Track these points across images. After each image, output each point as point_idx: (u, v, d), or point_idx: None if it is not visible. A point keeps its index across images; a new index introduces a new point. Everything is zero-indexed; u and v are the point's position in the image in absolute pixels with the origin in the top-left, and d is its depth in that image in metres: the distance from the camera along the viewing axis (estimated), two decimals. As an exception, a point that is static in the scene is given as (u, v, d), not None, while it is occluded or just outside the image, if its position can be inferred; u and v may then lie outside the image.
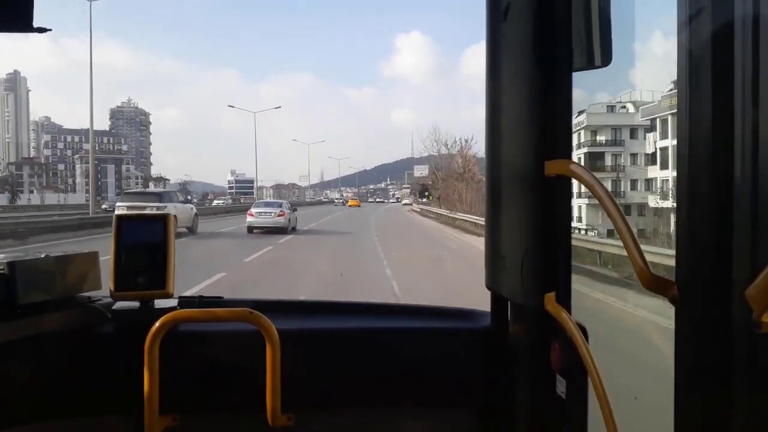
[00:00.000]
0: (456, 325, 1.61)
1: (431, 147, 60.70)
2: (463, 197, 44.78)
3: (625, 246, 0.86)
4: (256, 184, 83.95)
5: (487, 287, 1.37)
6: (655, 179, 16.26)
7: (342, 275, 11.33)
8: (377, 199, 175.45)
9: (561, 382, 1.13)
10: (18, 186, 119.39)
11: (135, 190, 53.45)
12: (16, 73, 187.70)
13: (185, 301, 1.63)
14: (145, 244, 1.52)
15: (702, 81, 0.78)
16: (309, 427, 1.48)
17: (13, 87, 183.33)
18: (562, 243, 1.15)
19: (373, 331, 1.60)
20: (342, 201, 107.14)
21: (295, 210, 27.05)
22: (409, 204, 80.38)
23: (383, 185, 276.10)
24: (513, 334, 1.36)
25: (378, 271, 12.37)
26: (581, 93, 1.26)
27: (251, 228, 22.60)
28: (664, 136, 14.76)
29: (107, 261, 1.53)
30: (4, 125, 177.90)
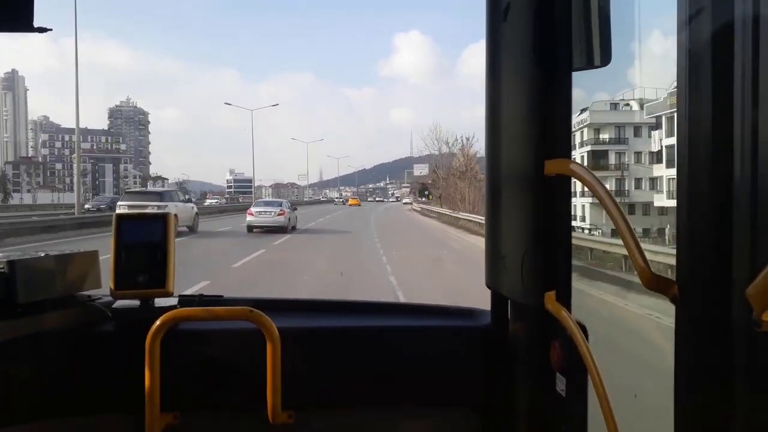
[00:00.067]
0: (456, 324, 1.61)
1: (432, 145, 60.65)
2: (466, 196, 44.51)
3: (626, 245, 0.86)
4: (254, 183, 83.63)
5: (488, 286, 1.37)
6: (661, 178, 16.04)
7: (342, 274, 11.24)
8: (376, 199, 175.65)
9: (561, 380, 1.13)
10: (15, 185, 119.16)
11: (136, 189, 53.34)
12: (13, 72, 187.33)
13: (185, 300, 1.63)
14: (145, 243, 1.53)
15: (702, 81, 0.78)
16: (309, 425, 1.49)
17: (11, 86, 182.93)
18: (562, 242, 1.15)
19: (373, 330, 1.60)
20: (342, 200, 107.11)
21: (295, 209, 26.91)
22: (410, 203, 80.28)
23: (382, 184, 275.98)
24: (513, 332, 1.36)
25: (379, 274, 11.81)
26: (581, 92, 1.26)
27: (251, 227, 22.45)
28: (669, 133, 14.48)
29: (107, 260, 1.53)
30: (2, 125, 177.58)
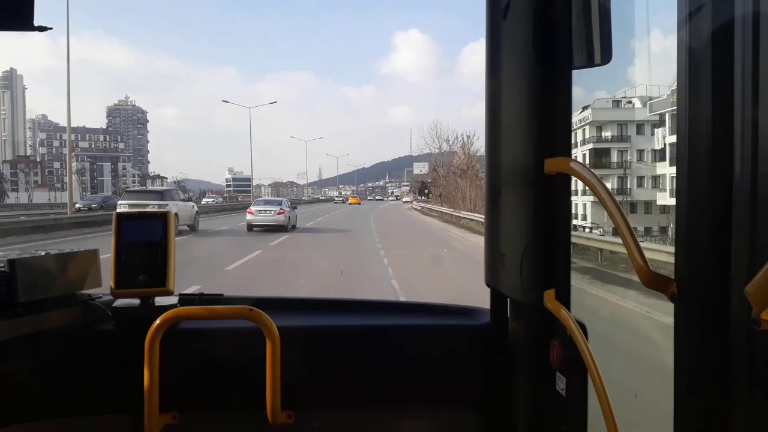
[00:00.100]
0: (456, 323, 1.61)
1: (432, 143, 60.38)
2: (467, 195, 44.38)
3: (625, 243, 0.86)
4: (252, 182, 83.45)
5: (487, 284, 1.37)
6: (664, 176, 15.96)
7: (342, 273, 11.19)
8: (376, 197, 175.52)
9: (561, 379, 1.13)
10: (13, 184, 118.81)
11: (136, 188, 53.37)
12: (12, 71, 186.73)
13: (185, 299, 1.64)
14: (146, 241, 1.53)
15: (702, 80, 0.78)
16: (309, 425, 1.49)
17: (9, 85, 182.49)
18: (561, 240, 1.15)
19: (373, 328, 1.60)
20: (342, 199, 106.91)
21: (295, 208, 26.88)
22: (410, 202, 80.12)
23: (382, 183, 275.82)
24: (513, 331, 1.36)
25: (381, 277, 11.30)
26: (581, 91, 1.26)
27: (251, 226, 22.42)
28: (673, 131, 14.49)
29: (107, 259, 1.53)
30: (0, 123, 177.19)
